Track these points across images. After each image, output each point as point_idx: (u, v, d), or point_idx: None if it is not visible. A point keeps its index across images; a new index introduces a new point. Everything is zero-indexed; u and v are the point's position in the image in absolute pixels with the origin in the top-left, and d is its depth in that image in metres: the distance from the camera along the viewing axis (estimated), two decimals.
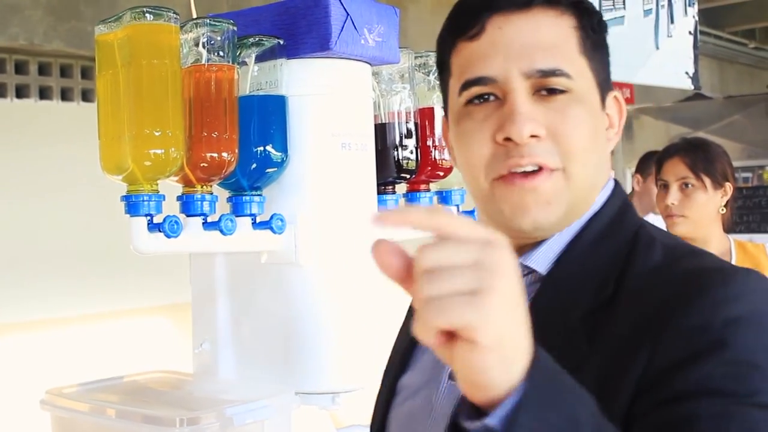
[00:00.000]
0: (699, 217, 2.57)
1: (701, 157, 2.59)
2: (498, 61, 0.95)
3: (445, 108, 1.05)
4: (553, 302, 0.95)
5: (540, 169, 0.94)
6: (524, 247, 1.00)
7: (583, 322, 0.91)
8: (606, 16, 1.18)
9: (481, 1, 0.97)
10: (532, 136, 0.93)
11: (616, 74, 1.08)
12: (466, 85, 0.97)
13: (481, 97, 0.96)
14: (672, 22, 3.85)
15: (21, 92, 3.82)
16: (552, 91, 0.94)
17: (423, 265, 0.65)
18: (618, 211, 1.01)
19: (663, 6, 3.80)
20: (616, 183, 1.05)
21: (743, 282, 0.88)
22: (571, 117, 0.94)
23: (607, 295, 0.92)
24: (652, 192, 4.03)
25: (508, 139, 0.93)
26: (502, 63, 0.94)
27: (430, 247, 0.65)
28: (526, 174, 0.94)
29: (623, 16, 3.48)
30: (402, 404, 1.08)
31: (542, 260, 0.99)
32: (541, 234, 0.98)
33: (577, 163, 0.95)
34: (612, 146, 1.03)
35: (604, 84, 1.00)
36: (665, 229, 0.95)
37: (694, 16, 4.01)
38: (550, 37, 0.95)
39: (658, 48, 3.76)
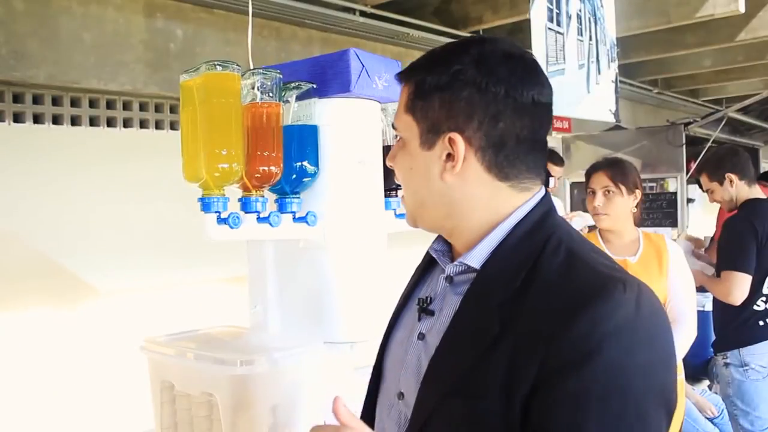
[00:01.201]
0: (617, 214, 2.56)
1: (618, 171, 2.58)
2: None
3: None
4: (481, 291, 0.94)
5: None
6: (465, 245, 0.99)
7: (500, 308, 0.89)
8: (551, 69, 1.18)
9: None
10: (392, 167, 1.04)
11: (559, 110, 1.06)
12: None
13: None
14: (599, 73, 3.83)
15: (127, 123, 3.82)
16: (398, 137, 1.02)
17: None
18: (539, 219, 0.96)
19: (593, 62, 3.78)
20: (545, 194, 1.00)
21: (618, 297, 0.84)
22: (399, 156, 1.01)
23: (516, 288, 0.89)
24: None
25: None
26: None
27: None
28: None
29: (564, 68, 3.46)
30: (392, 354, 1.08)
31: (476, 258, 0.96)
32: (420, 228, 1.04)
33: (403, 188, 1.03)
34: (451, 174, 0.95)
35: (434, 129, 0.96)
36: (580, 228, 0.93)
37: (615, 69, 4.00)
38: (399, 101, 1.02)
39: (589, 92, 3.74)
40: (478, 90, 0.92)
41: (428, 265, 1.10)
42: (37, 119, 3.35)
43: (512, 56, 0.95)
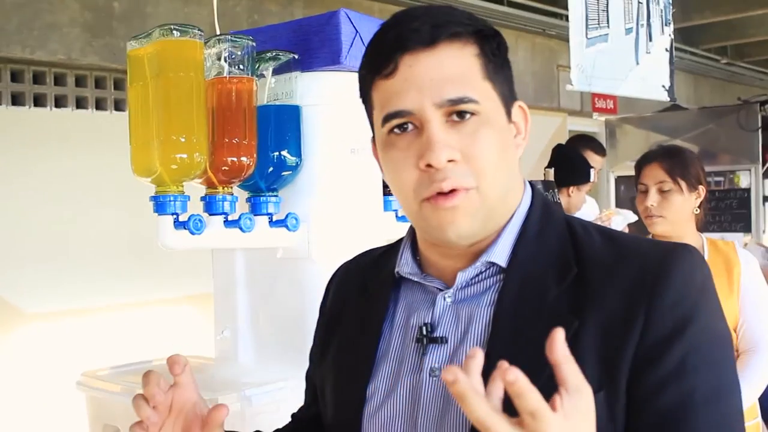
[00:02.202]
0: (675, 217, 2.57)
1: (677, 163, 2.58)
2: (412, 95, 0.97)
3: (373, 133, 1.09)
4: (524, 290, 1.00)
5: (456, 189, 0.98)
6: (479, 251, 1.03)
7: (559, 299, 0.97)
8: (591, 34, 1.19)
9: (392, 42, 0.99)
10: (450, 161, 0.97)
11: (601, 86, 1.11)
12: (387, 117, 1.00)
13: (401, 127, 1.00)
14: (650, 40, 3.84)
15: (59, 102, 3.83)
16: (462, 116, 0.97)
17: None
18: (543, 207, 1.07)
19: (642, 25, 3.79)
20: (531, 184, 1.10)
21: (691, 259, 0.98)
22: (480, 140, 0.98)
23: (574, 274, 0.99)
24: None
25: (429, 165, 0.97)
26: (416, 97, 0.97)
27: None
28: (446, 195, 0.98)
29: (607, 34, 3.47)
30: (378, 410, 1.06)
31: (500, 255, 1.02)
32: (465, 242, 1.02)
33: (487, 181, 0.99)
34: (521, 151, 1.06)
35: (509, 98, 1.03)
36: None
37: (670, 35, 4.00)
38: (456, 68, 0.98)
39: (638, 63, 3.75)
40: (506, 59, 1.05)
41: (389, 294, 1.11)
42: None
43: None
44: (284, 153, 1.62)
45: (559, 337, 0.78)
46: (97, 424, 1.64)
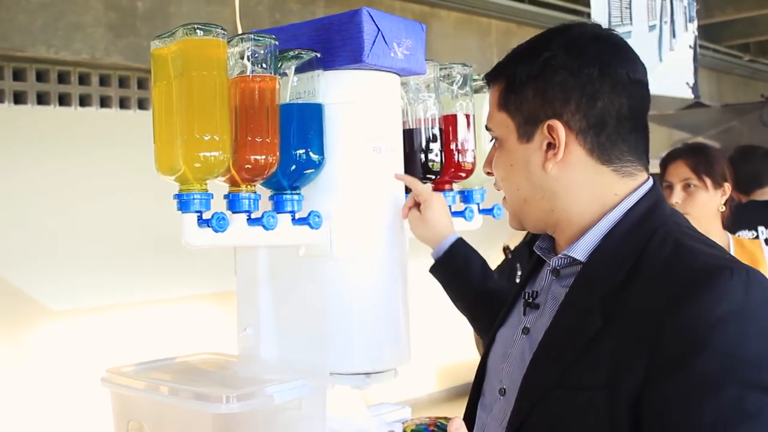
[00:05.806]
0: (701, 215, 2.56)
1: (702, 160, 2.58)
2: None
3: None
4: (586, 284, 1.12)
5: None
6: (569, 239, 1.19)
7: (602, 302, 1.07)
8: (616, 31, 1.22)
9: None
10: (489, 173, 1.29)
11: None
12: None
13: None
14: (674, 36, 3.82)
15: (84, 101, 3.86)
16: (494, 139, 1.26)
17: None
18: (646, 210, 1.14)
19: (666, 22, 3.77)
20: (654, 185, 1.18)
21: (724, 284, 0.98)
22: (496, 157, 1.26)
23: (619, 281, 1.07)
24: None
25: None
26: None
27: None
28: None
29: (630, 31, 3.45)
30: (495, 351, 1.31)
31: (581, 251, 1.15)
32: (530, 230, 1.28)
33: (504, 189, 1.26)
34: (553, 163, 1.16)
35: (532, 119, 1.18)
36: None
37: (693, 32, 3.98)
38: (491, 102, 1.26)
39: (661, 60, 3.73)
40: (572, 73, 1.14)
41: (536, 264, 1.32)
42: None
43: (600, 37, 1.18)
44: (307, 151, 1.62)
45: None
46: (122, 420, 1.65)
